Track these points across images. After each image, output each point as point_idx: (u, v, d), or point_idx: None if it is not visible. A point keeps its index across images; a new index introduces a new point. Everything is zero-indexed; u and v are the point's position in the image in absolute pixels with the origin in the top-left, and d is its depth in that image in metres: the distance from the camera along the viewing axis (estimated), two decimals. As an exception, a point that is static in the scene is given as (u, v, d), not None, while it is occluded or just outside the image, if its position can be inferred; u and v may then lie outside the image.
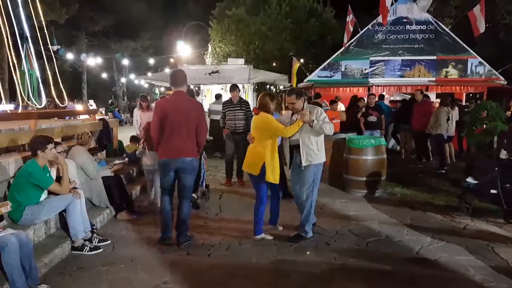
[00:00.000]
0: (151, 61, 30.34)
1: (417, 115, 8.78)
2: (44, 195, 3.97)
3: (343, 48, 12.22)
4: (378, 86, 11.55)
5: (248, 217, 5.09)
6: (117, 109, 29.37)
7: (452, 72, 11.87)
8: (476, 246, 4.19)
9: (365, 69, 11.96)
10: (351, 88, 11.62)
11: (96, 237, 4.17)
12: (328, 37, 20.82)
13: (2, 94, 9.12)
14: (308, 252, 4.04)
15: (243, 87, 12.48)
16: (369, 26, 12.08)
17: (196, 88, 13.11)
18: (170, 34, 30.04)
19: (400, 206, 5.70)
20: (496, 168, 4.96)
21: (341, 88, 11.70)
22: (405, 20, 12.05)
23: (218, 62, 19.50)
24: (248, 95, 13.07)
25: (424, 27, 11.97)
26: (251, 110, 6.85)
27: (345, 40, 12.33)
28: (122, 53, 29.56)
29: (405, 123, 9.31)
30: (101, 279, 3.45)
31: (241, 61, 13.26)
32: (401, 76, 11.97)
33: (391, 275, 3.58)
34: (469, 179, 5.21)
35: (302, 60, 17.66)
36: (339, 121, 8.57)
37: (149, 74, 24.05)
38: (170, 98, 4.29)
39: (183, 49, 22.41)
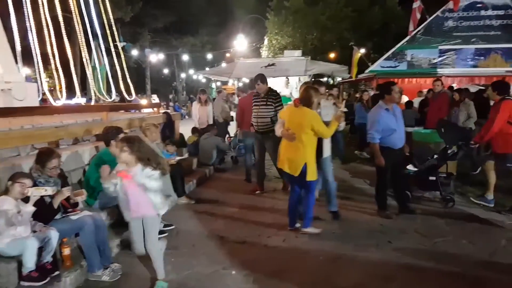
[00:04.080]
0: (209, 56, 31.15)
1: (430, 111, 7.40)
2: (115, 182, 4.24)
3: (409, 36, 11.55)
4: (448, 77, 10.78)
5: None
6: (176, 103, 30.67)
7: (533, 61, 10.71)
8: None
9: (434, 59, 11.22)
10: (417, 79, 10.95)
11: (161, 222, 4.39)
12: (391, 25, 19.85)
13: (77, 89, 9.92)
14: (369, 250, 3.90)
15: (299, 80, 12.32)
16: (439, 12, 11.29)
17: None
18: (227, 29, 30.64)
19: (471, 205, 5.28)
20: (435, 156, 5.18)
21: (406, 79, 11.08)
22: (480, 5, 11.10)
23: (274, 54, 19.47)
24: (304, 88, 12.84)
25: (501, 12, 10.93)
26: (282, 103, 5.87)
27: (411, 27, 11.65)
28: (182, 49, 30.71)
29: None
30: (166, 261, 3.60)
31: (298, 52, 13.08)
32: (474, 66, 11.06)
33: (459, 278, 3.34)
34: (409, 167, 5.28)
35: (363, 50, 17.01)
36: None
37: (207, 69, 24.72)
38: (247, 96, 6.71)
39: (239, 43, 22.70)
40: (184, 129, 9.01)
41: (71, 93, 10.72)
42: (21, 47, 7.89)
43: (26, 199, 3.09)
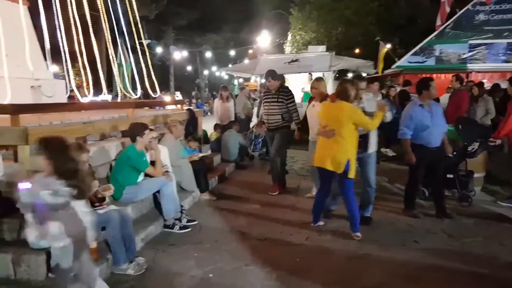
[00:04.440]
0: (232, 52, 31.30)
1: (449, 109, 7.21)
2: (140, 177, 4.34)
3: (437, 31, 11.17)
4: (478, 72, 10.38)
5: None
6: (199, 100, 31.00)
7: None
8: None
9: (463, 54, 10.81)
10: (446, 75, 10.59)
11: (185, 217, 4.46)
12: (419, 20, 19.27)
13: (103, 86, 10.16)
14: (395, 249, 3.81)
15: (323, 76, 12.13)
16: (469, 6, 10.86)
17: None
18: (250, 25, 30.65)
19: (501, 205, 5.08)
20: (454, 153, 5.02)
21: (434, 75, 10.73)
22: (513, -3, 10.58)
23: (297, 50, 19.28)
24: (328, 84, 12.68)
25: (536, 5, 10.39)
26: (294, 100, 5.62)
27: (439, 22, 11.28)
28: (205, 46, 31.01)
29: None
30: (189, 256, 3.69)
31: (322, 48, 12.87)
32: (506, 62, 10.57)
33: (487, 280, 3.22)
34: None
35: (389, 45, 16.59)
36: None
37: (230, 65, 24.82)
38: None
39: (263, 39, 22.63)
40: (207, 125, 9.09)
41: (97, 90, 10.98)
42: (50, 45, 8.14)
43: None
